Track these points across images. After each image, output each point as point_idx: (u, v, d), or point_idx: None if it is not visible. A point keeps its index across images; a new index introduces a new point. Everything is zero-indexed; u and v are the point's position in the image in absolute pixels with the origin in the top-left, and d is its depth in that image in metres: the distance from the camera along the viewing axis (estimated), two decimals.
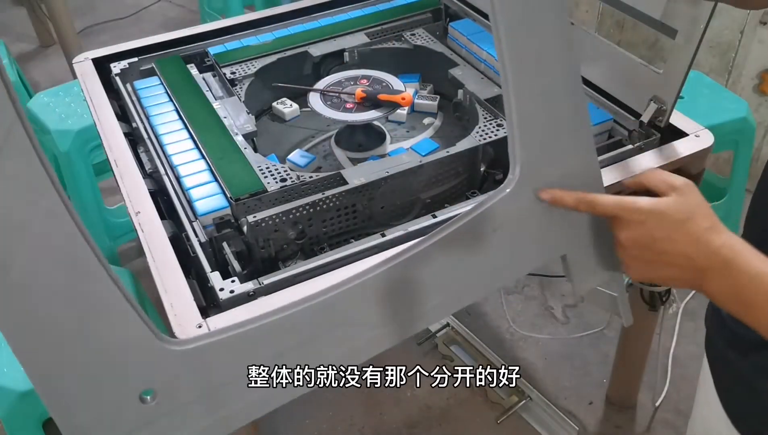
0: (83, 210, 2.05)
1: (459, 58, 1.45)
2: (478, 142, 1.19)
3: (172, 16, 3.83)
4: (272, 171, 1.13)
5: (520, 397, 1.77)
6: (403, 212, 1.18)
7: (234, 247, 1.06)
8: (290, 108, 1.40)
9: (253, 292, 0.96)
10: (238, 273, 1.01)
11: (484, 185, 1.25)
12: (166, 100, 1.34)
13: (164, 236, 1.05)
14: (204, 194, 1.10)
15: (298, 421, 1.78)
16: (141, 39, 1.51)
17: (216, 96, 1.36)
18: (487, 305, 2.07)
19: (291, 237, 1.09)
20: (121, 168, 1.20)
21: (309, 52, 1.47)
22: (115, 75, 1.44)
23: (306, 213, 1.09)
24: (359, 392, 1.85)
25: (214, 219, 1.07)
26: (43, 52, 3.51)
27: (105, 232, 2.12)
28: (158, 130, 1.26)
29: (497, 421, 1.75)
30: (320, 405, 1.82)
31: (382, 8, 1.62)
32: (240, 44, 1.50)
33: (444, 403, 1.81)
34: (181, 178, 1.14)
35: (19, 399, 1.29)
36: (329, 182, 1.12)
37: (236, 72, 1.42)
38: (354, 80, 1.35)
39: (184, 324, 0.92)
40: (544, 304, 2.08)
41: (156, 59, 1.47)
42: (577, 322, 2.02)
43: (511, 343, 1.96)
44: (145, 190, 1.14)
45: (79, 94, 2.04)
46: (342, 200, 1.11)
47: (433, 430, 1.76)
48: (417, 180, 1.16)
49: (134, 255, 2.27)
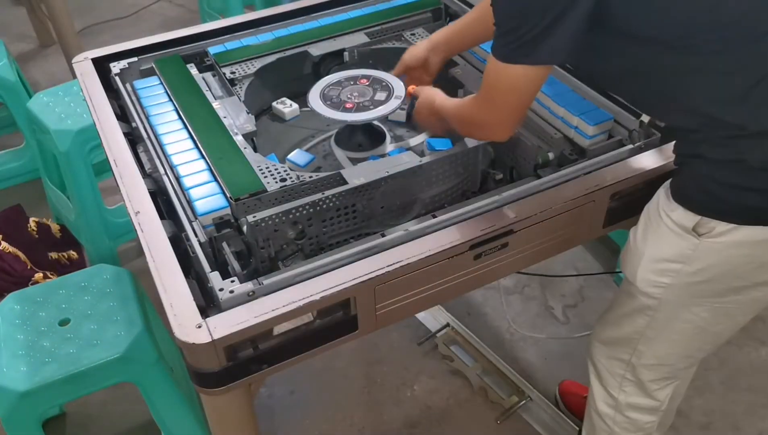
0: (83, 210, 2.05)
1: (459, 58, 1.45)
2: (478, 142, 1.18)
3: (171, 16, 3.83)
4: (272, 171, 1.13)
5: (520, 397, 1.77)
6: (403, 212, 1.18)
7: (234, 247, 1.06)
8: (290, 108, 1.40)
9: (252, 292, 0.96)
10: (238, 273, 1.00)
11: (484, 185, 1.25)
12: (166, 99, 1.34)
13: (164, 236, 1.05)
14: (204, 194, 1.10)
15: (298, 421, 1.78)
16: (141, 39, 1.51)
17: (216, 96, 1.36)
18: (487, 305, 2.07)
19: (291, 237, 1.09)
20: (120, 168, 1.20)
21: (309, 52, 1.47)
22: (114, 75, 1.44)
23: (306, 213, 1.09)
24: (359, 392, 1.85)
25: (213, 219, 1.07)
26: (43, 52, 3.51)
27: (105, 232, 2.12)
28: (158, 129, 1.26)
29: (497, 421, 1.75)
30: (320, 405, 1.82)
31: (382, 8, 1.62)
32: (240, 44, 1.50)
33: (444, 403, 1.81)
34: (181, 177, 1.14)
35: (19, 399, 1.29)
36: (329, 182, 1.12)
37: (236, 72, 1.42)
38: (354, 80, 1.35)
39: (184, 324, 0.92)
40: (544, 304, 2.08)
41: (156, 59, 1.47)
42: (577, 322, 2.02)
43: (511, 343, 1.96)
44: (145, 190, 1.14)
45: (78, 94, 2.04)
46: (342, 200, 1.11)
47: (433, 430, 1.76)
48: (417, 180, 1.16)
49: (134, 255, 2.27)
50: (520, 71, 0.95)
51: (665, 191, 1.04)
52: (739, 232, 0.95)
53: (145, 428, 1.73)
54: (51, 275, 2.10)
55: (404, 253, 1.02)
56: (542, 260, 1.22)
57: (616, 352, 1.21)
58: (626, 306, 1.15)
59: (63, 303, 1.46)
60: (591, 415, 1.33)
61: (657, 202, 1.05)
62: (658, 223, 1.03)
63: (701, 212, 0.97)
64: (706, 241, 0.98)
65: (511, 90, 0.99)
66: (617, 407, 1.26)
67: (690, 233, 0.99)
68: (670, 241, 1.02)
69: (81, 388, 1.35)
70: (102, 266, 1.55)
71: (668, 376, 1.20)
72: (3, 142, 2.70)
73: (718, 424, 1.76)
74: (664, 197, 1.03)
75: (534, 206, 1.10)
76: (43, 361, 1.33)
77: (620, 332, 1.19)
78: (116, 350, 1.34)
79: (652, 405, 1.23)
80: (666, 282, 1.05)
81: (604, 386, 1.26)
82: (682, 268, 1.02)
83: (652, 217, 1.06)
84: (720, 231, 0.96)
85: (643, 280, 1.07)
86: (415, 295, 1.07)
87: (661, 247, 1.04)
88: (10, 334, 1.39)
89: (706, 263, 1.00)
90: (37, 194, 2.42)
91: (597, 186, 1.13)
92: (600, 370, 1.26)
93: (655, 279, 1.06)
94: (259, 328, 0.94)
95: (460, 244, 1.04)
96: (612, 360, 1.22)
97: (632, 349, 1.17)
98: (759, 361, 1.90)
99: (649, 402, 1.23)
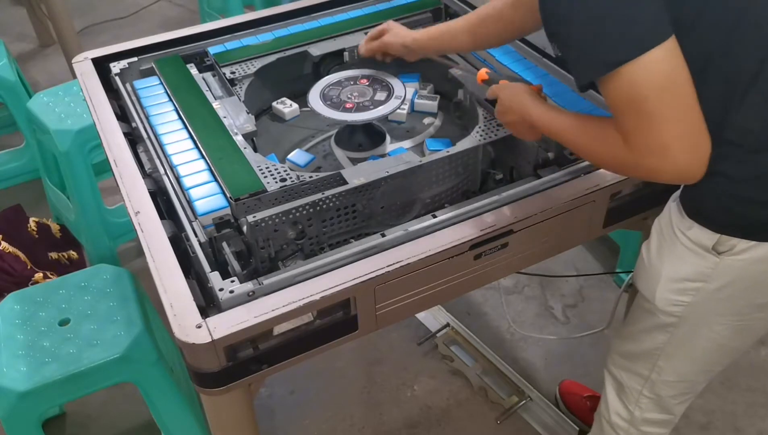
0: (83, 210, 2.05)
1: (459, 58, 1.45)
2: (478, 142, 1.18)
3: (171, 16, 3.83)
4: (272, 171, 1.13)
5: (520, 397, 1.77)
6: (403, 212, 1.18)
7: (234, 247, 1.06)
8: (290, 108, 1.40)
9: (252, 292, 0.96)
10: (238, 273, 1.00)
11: (484, 185, 1.25)
12: (166, 99, 1.34)
13: (164, 236, 1.05)
14: (204, 194, 1.10)
15: (298, 421, 1.78)
16: (140, 39, 1.51)
17: (216, 96, 1.36)
18: (487, 305, 2.07)
19: (291, 237, 1.09)
20: (120, 168, 1.20)
21: (309, 52, 1.47)
22: (114, 75, 1.43)
23: (306, 213, 1.08)
24: (359, 392, 1.85)
25: (213, 219, 1.07)
26: (43, 52, 3.51)
27: (105, 232, 2.12)
28: (158, 129, 1.26)
29: (497, 421, 1.75)
30: (320, 405, 1.82)
31: (382, 8, 1.62)
32: (240, 44, 1.50)
33: (444, 404, 1.81)
34: (181, 177, 1.14)
35: (19, 399, 1.29)
36: (329, 182, 1.12)
37: (236, 72, 1.41)
38: (354, 80, 1.35)
39: (184, 324, 0.92)
40: (544, 304, 2.08)
41: (155, 59, 1.47)
42: (577, 322, 2.02)
43: (511, 343, 1.96)
44: (145, 190, 1.14)
45: (78, 94, 2.04)
46: (342, 200, 1.11)
47: (433, 430, 1.76)
48: (417, 180, 1.16)
49: (134, 255, 2.27)
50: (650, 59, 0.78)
51: (677, 206, 0.99)
52: (761, 249, 0.92)
53: (145, 428, 1.73)
54: (51, 275, 2.10)
55: (404, 253, 1.02)
56: (542, 260, 1.22)
57: (635, 366, 1.17)
58: (645, 322, 1.11)
59: (63, 303, 1.46)
60: (602, 424, 1.29)
61: (669, 217, 1.01)
62: (674, 241, 1.00)
63: (721, 231, 0.93)
64: (727, 259, 0.94)
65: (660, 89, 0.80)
66: (632, 422, 1.22)
67: (709, 252, 0.95)
68: (689, 260, 0.98)
69: (81, 388, 1.35)
70: (102, 266, 1.56)
71: (687, 391, 1.16)
72: (3, 142, 2.70)
73: (718, 424, 1.76)
74: (677, 213, 0.99)
75: (534, 206, 1.10)
76: (43, 361, 1.33)
77: (640, 347, 1.15)
78: (116, 350, 1.34)
79: (668, 419, 1.20)
80: (686, 301, 1.01)
81: (621, 399, 1.23)
82: (703, 286, 0.98)
83: (666, 234, 1.02)
84: (741, 248, 0.93)
85: (662, 299, 1.04)
86: (415, 295, 1.07)
87: (679, 267, 1.00)
88: (10, 334, 1.39)
89: (728, 280, 0.97)
90: (37, 194, 2.42)
91: (597, 186, 1.13)
92: (618, 382, 1.23)
93: (675, 298, 1.02)
94: (259, 328, 0.94)
95: (460, 244, 1.04)
96: (631, 374, 1.19)
97: (652, 364, 1.13)
98: (759, 361, 1.90)
99: (665, 417, 1.20)
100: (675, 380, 1.14)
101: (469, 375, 1.84)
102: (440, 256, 1.03)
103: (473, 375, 1.83)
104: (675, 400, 1.17)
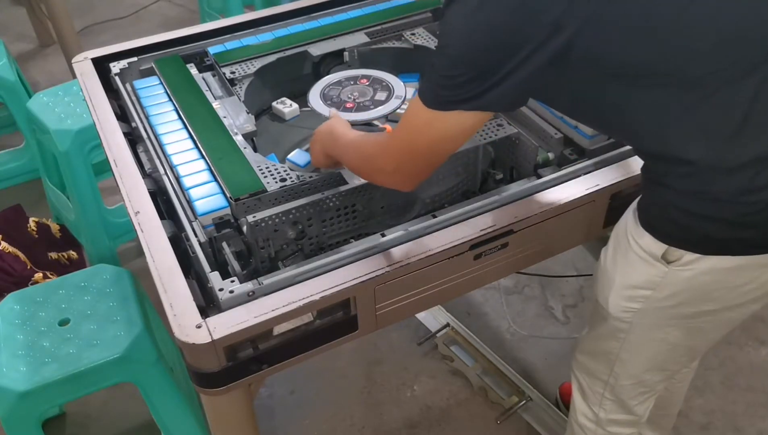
0: (83, 210, 2.05)
1: None
2: (478, 142, 1.18)
3: (171, 16, 3.82)
4: (272, 171, 1.13)
5: (520, 397, 1.77)
6: (403, 212, 1.18)
7: (234, 247, 1.06)
8: (290, 108, 1.40)
9: (252, 292, 0.96)
10: (238, 273, 1.00)
11: (484, 185, 1.25)
12: (166, 99, 1.34)
13: (164, 236, 1.05)
14: (203, 194, 1.10)
15: (298, 421, 1.78)
16: (140, 39, 1.51)
17: (215, 96, 1.36)
18: (487, 305, 2.07)
19: (291, 237, 1.09)
20: (120, 168, 1.20)
21: (309, 52, 1.47)
22: (114, 75, 1.43)
23: (306, 213, 1.09)
24: (359, 392, 1.85)
25: (213, 219, 1.07)
26: (43, 52, 3.51)
27: (105, 232, 2.12)
28: (158, 129, 1.26)
29: (497, 421, 1.75)
30: (320, 405, 1.82)
31: (382, 8, 1.62)
32: (240, 44, 1.50)
33: (444, 404, 1.81)
34: (181, 177, 1.14)
35: (19, 399, 1.29)
36: (329, 182, 1.12)
37: (236, 72, 1.41)
38: (354, 80, 1.35)
39: (184, 324, 0.92)
40: (544, 304, 2.08)
41: (155, 59, 1.47)
42: (577, 322, 2.02)
43: (511, 343, 1.96)
44: (145, 190, 1.14)
45: (78, 94, 2.03)
46: (342, 200, 1.11)
47: (433, 430, 1.76)
48: None
49: (134, 255, 2.26)
50: (456, 119, 0.86)
51: (633, 215, 1.01)
52: (707, 261, 0.93)
53: (145, 428, 1.72)
54: (51, 275, 2.10)
55: (404, 253, 1.02)
56: (542, 260, 1.22)
57: (595, 371, 1.20)
58: (600, 328, 1.13)
59: (63, 303, 1.46)
60: (572, 426, 1.33)
61: (625, 225, 1.03)
62: (627, 249, 1.01)
63: (668, 242, 0.95)
64: (675, 269, 0.96)
65: (442, 140, 0.89)
66: (598, 422, 1.25)
67: (659, 261, 0.97)
68: (639, 268, 0.99)
69: (81, 388, 1.35)
70: (102, 266, 1.55)
71: (646, 391, 1.18)
72: (3, 142, 2.70)
73: (718, 424, 1.76)
74: (633, 222, 1.00)
75: (534, 206, 1.10)
76: (42, 361, 1.33)
77: (597, 353, 1.18)
78: (116, 350, 1.34)
79: (632, 419, 1.22)
80: (636, 307, 1.03)
81: (585, 401, 1.26)
82: (652, 294, 1.00)
83: (621, 240, 1.03)
84: (688, 260, 0.94)
85: (615, 305, 1.05)
86: (415, 295, 1.07)
87: (630, 274, 1.01)
88: (10, 334, 1.39)
89: (675, 290, 0.98)
90: (37, 194, 2.42)
91: (597, 186, 1.13)
92: (581, 385, 1.25)
93: (626, 305, 1.04)
94: (259, 328, 0.94)
95: (460, 244, 1.04)
96: (592, 378, 1.21)
97: (609, 369, 1.16)
98: (759, 361, 1.90)
99: (629, 417, 1.22)
100: (632, 383, 1.15)
101: (469, 375, 1.84)
102: (440, 256, 1.03)
103: (473, 375, 1.83)
104: (634, 401, 1.19)
